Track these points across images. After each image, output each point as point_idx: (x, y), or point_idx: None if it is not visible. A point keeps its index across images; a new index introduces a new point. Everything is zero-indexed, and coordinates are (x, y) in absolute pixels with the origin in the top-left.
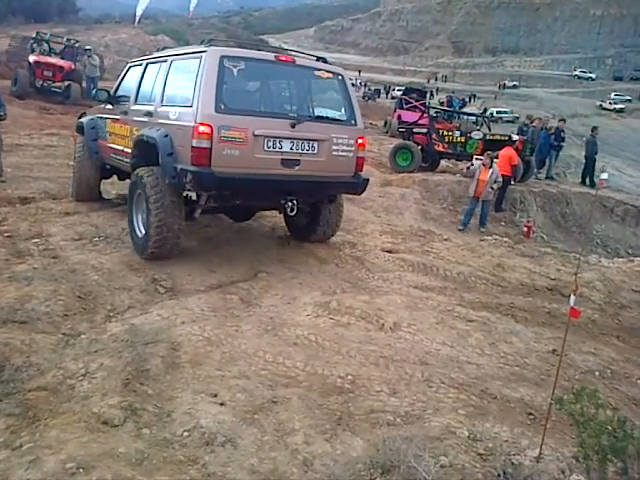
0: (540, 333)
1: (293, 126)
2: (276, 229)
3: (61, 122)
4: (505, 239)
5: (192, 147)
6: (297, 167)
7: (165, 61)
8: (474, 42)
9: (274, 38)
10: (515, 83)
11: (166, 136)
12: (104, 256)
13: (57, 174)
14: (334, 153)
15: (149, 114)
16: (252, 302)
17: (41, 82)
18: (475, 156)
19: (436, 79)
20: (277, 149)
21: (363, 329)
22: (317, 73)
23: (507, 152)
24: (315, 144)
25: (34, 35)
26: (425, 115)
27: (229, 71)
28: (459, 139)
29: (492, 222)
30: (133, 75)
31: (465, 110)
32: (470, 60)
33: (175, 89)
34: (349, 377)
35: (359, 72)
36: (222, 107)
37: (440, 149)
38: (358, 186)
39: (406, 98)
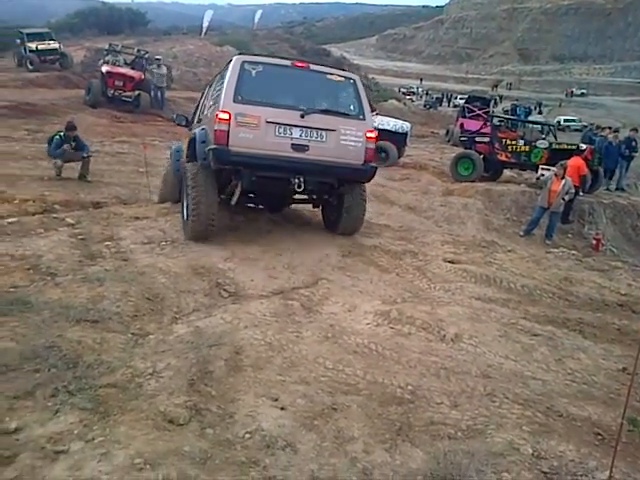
0: (609, 350)
1: (302, 116)
2: (336, 237)
3: (131, 130)
4: (572, 252)
5: (214, 130)
6: (306, 151)
7: (215, 78)
8: (540, 49)
9: (336, 47)
10: (583, 91)
11: (203, 129)
12: (171, 260)
13: (127, 180)
14: (342, 142)
15: (199, 120)
16: (313, 309)
17: (112, 91)
18: (540, 166)
19: (496, 87)
20: (287, 135)
21: (424, 339)
22: (329, 77)
23: (576, 162)
24: (323, 133)
25: (107, 47)
26: (488, 124)
27: (248, 72)
28: (523, 148)
29: (558, 234)
30: (201, 97)
31: (531, 118)
32: (536, 67)
33: (215, 94)
34: (409, 387)
35: (421, 80)
36: (239, 98)
37: (503, 158)
38: (365, 173)
39: (469, 106)
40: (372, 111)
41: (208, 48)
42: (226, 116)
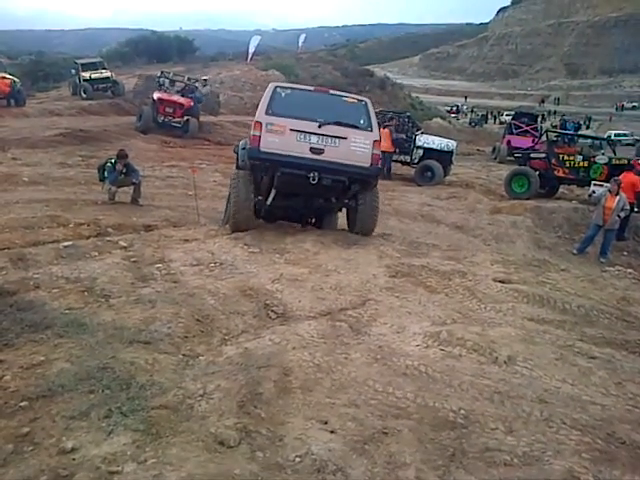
0: None
1: (319, 126)
2: (383, 257)
3: (180, 155)
4: (629, 270)
5: (250, 136)
6: (322, 154)
7: None
8: (588, 63)
9: (379, 67)
10: (635, 104)
11: (245, 141)
12: (219, 281)
13: (177, 203)
14: (352, 147)
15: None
16: (361, 330)
17: (162, 118)
18: (593, 182)
19: (543, 102)
20: (307, 141)
21: (475, 362)
22: (344, 99)
23: (630, 178)
24: (336, 140)
25: (159, 74)
26: (538, 140)
27: (279, 94)
28: (581, 164)
29: (613, 251)
30: None
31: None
32: (584, 82)
33: None
34: (462, 412)
35: (465, 98)
36: (270, 112)
37: (560, 174)
38: (371, 172)
39: (516, 123)
40: (417, 130)
41: (254, 73)
42: (258, 125)
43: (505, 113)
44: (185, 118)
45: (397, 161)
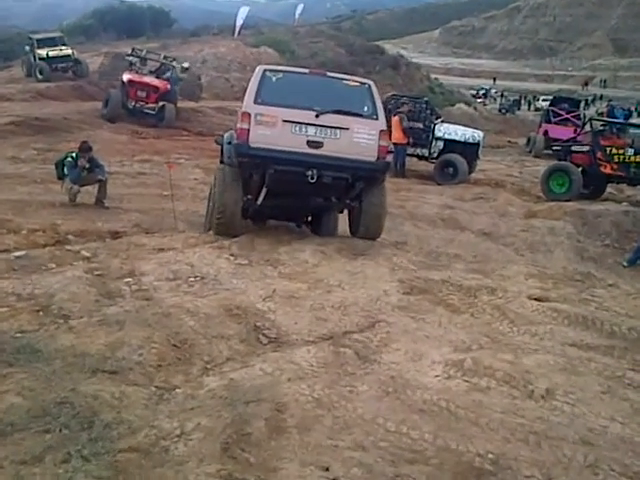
0: None
1: (317, 116)
2: (396, 270)
3: (154, 147)
4: None
5: (237, 128)
6: (321, 148)
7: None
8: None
9: (391, 44)
10: None
11: (230, 132)
12: (200, 299)
13: (150, 205)
14: (355, 139)
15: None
16: (369, 357)
17: (133, 103)
18: None
19: (587, 85)
20: (303, 133)
21: (507, 396)
22: (345, 82)
23: None
24: (337, 131)
25: (129, 51)
26: (581, 130)
27: (268, 79)
28: (633, 158)
29: None
30: None
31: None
32: (635, 60)
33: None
34: (490, 456)
35: (494, 80)
36: (259, 101)
37: (608, 171)
38: (378, 167)
39: (554, 109)
40: (437, 118)
41: (242, 50)
42: (247, 116)
43: (541, 98)
44: (160, 104)
45: (413, 155)
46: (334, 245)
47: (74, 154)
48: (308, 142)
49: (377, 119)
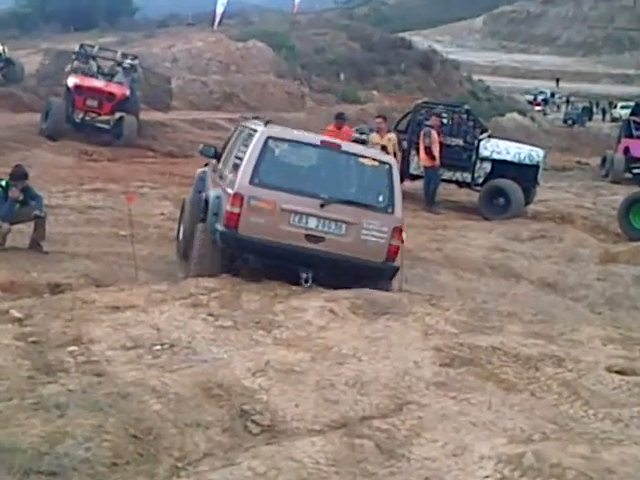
0: None
1: (322, 206)
2: (430, 334)
3: (109, 173)
4: None
5: (226, 210)
6: (321, 243)
7: (241, 130)
8: None
9: (421, 36)
10: None
11: (218, 198)
12: (169, 374)
13: (102, 249)
14: (363, 237)
15: (221, 177)
16: (396, 452)
17: (82, 115)
18: None
19: None
20: (303, 224)
21: None
22: (362, 160)
23: None
24: (343, 225)
25: (77, 48)
26: None
27: (271, 151)
28: None
29: None
30: (231, 136)
31: None
32: None
33: (237, 159)
34: None
35: (557, 81)
36: (256, 181)
37: None
38: (384, 273)
39: (637, 120)
40: (481, 132)
41: (225, 45)
42: (239, 199)
43: (620, 105)
44: (117, 115)
45: (450, 181)
46: (347, 301)
47: (3, 182)
48: (307, 236)
49: (392, 212)
